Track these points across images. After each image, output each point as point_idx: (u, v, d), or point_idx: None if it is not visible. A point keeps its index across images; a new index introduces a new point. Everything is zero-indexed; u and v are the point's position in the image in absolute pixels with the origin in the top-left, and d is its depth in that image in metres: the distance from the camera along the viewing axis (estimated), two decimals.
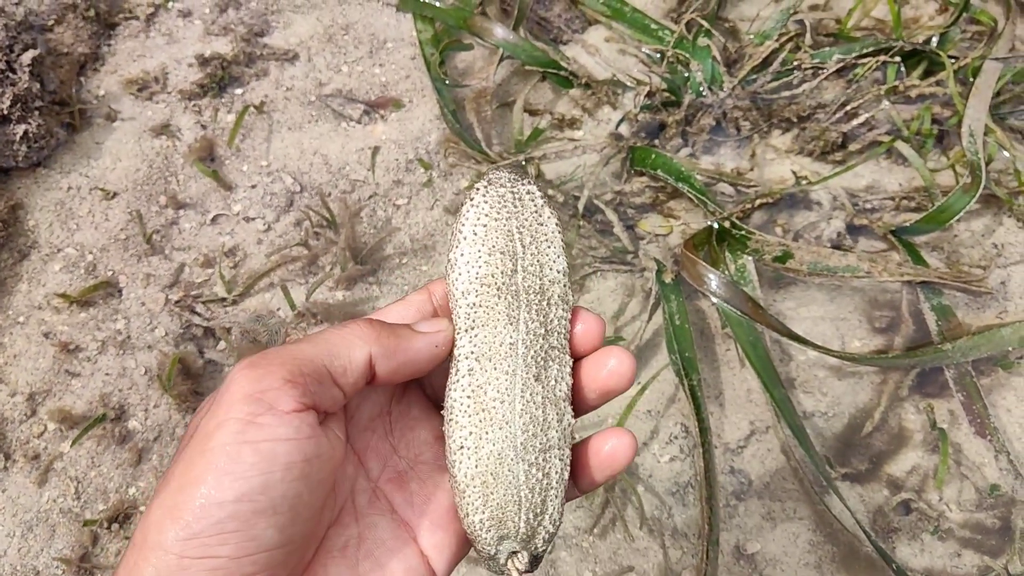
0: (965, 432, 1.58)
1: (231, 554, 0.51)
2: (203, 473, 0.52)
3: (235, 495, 0.52)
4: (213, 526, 0.51)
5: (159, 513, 0.53)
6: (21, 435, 1.57)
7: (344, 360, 0.59)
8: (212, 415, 0.54)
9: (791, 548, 1.49)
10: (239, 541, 0.52)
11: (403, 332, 0.64)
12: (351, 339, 0.60)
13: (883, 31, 2.04)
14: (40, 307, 1.69)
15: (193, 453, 0.53)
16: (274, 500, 0.53)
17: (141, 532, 0.53)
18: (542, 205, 0.71)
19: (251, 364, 0.55)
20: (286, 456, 0.53)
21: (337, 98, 1.96)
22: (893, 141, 1.84)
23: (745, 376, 1.64)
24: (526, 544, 0.67)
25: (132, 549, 0.53)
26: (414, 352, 0.64)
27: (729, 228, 1.73)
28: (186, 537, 0.51)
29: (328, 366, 0.58)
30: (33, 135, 1.77)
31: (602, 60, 2.04)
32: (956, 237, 1.78)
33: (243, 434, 0.52)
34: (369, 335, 0.61)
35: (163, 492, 0.54)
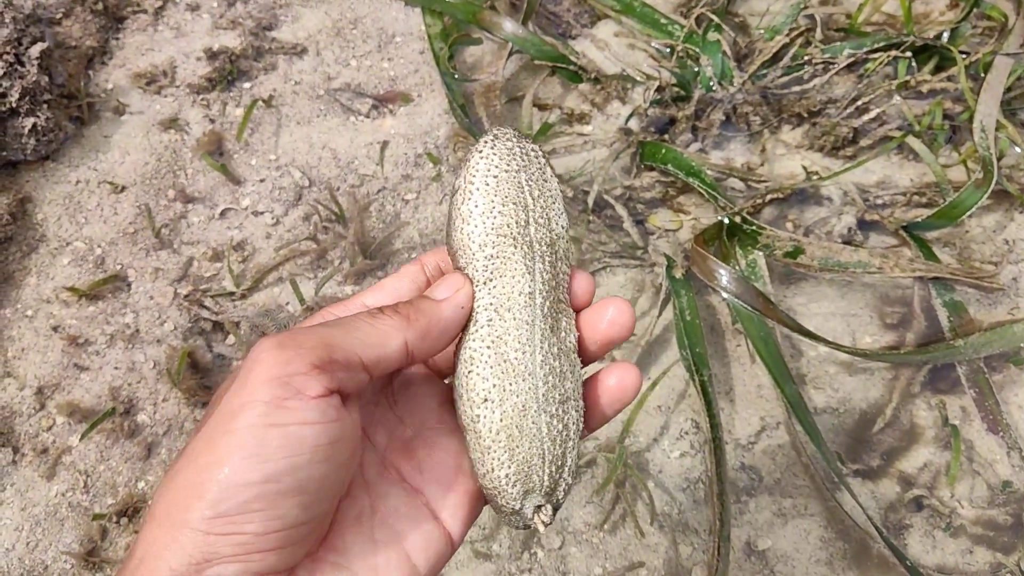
0: (977, 428, 1.57)
1: (257, 531, 0.52)
2: (228, 453, 0.52)
3: (262, 476, 0.52)
4: (239, 505, 0.51)
5: (184, 491, 0.52)
6: (30, 429, 1.57)
7: (378, 351, 0.59)
8: (236, 394, 0.54)
9: (802, 545, 1.48)
10: (265, 520, 0.52)
11: (428, 306, 0.63)
12: (386, 330, 0.60)
13: (894, 26, 2.03)
14: (49, 301, 1.68)
15: (216, 432, 0.53)
16: (300, 481, 0.53)
17: (162, 508, 0.53)
18: (545, 163, 0.71)
19: (279, 345, 0.54)
20: (313, 439, 0.53)
21: (346, 92, 1.96)
22: (904, 136, 1.83)
23: (756, 372, 1.63)
24: (549, 497, 0.67)
25: (152, 524, 0.53)
26: (445, 322, 0.64)
27: (740, 223, 1.72)
28: (213, 516, 0.51)
29: (361, 355, 0.58)
30: (42, 128, 1.77)
31: (611, 55, 2.03)
32: (968, 233, 1.77)
33: (269, 416, 0.52)
34: (402, 323, 0.61)
35: (186, 469, 0.54)
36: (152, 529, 0.53)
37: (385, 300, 0.67)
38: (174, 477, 0.54)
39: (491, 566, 1.46)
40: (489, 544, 1.48)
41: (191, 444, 0.55)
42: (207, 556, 0.51)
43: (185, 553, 0.51)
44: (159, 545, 0.52)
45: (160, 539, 0.52)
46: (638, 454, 1.56)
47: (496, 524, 1.49)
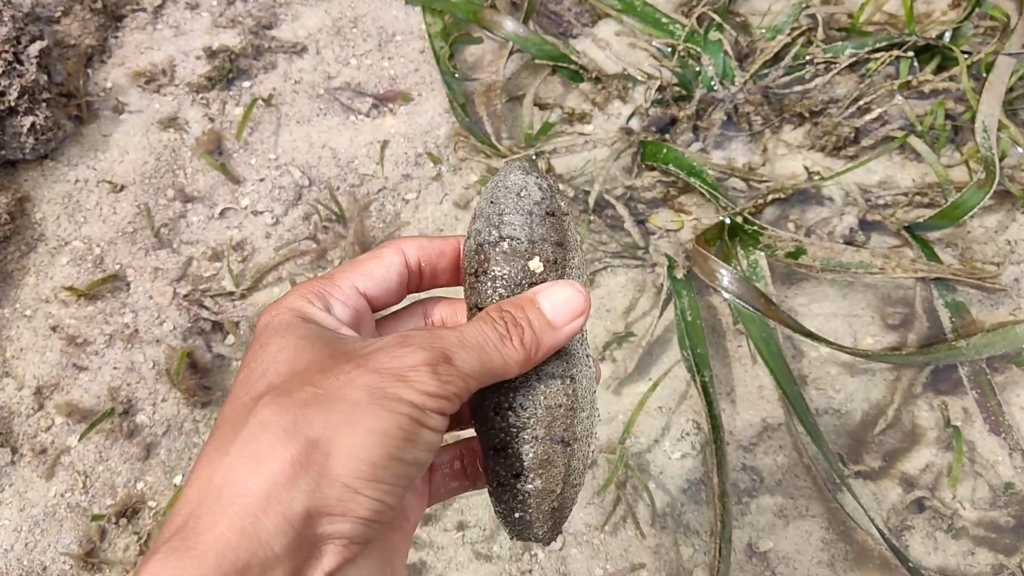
0: (979, 430, 1.57)
1: (392, 504, 0.56)
2: (394, 430, 0.56)
3: (413, 459, 0.57)
4: (393, 477, 0.56)
5: (341, 448, 0.54)
6: (28, 429, 1.56)
7: (498, 379, 0.65)
8: (390, 385, 0.57)
9: (804, 546, 1.47)
10: (399, 496, 0.57)
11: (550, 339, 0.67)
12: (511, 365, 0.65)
13: (895, 26, 2.03)
14: (47, 300, 1.68)
15: (374, 403, 0.56)
16: (420, 473, 0.59)
17: (307, 455, 0.54)
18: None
19: (435, 371, 0.59)
20: (438, 443, 0.60)
21: (346, 91, 1.95)
22: (906, 137, 1.83)
23: (757, 372, 1.63)
24: None
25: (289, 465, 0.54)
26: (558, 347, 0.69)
27: (741, 223, 1.71)
28: (370, 478, 0.54)
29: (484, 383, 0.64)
30: (40, 127, 1.76)
31: (612, 54, 2.02)
32: (970, 233, 1.76)
33: (423, 417, 0.57)
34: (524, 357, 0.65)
35: (340, 430, 0.55)
36: (280, 469, 0.53)
37: (377, 290, 0.70)
38: (311, 420, 0.55)
39: (492, 567, 1.45)
40: (489, 545, 1.47)
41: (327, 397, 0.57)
42: (346, 510, 0.54)
43: (326, 500, 0.53)
44: (295, 489, 0.53)
45: (297, 482, 0.53)
46: (639, 455, 1.55)
47: (496, 525, 1.48)
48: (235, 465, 0.54)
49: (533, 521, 0.70)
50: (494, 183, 0.72)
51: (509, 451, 0.69)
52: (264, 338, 0.64)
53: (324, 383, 0.57)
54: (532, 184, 0.71)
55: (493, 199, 0.70)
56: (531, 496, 0.69)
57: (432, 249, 0.73)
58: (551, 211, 0.71)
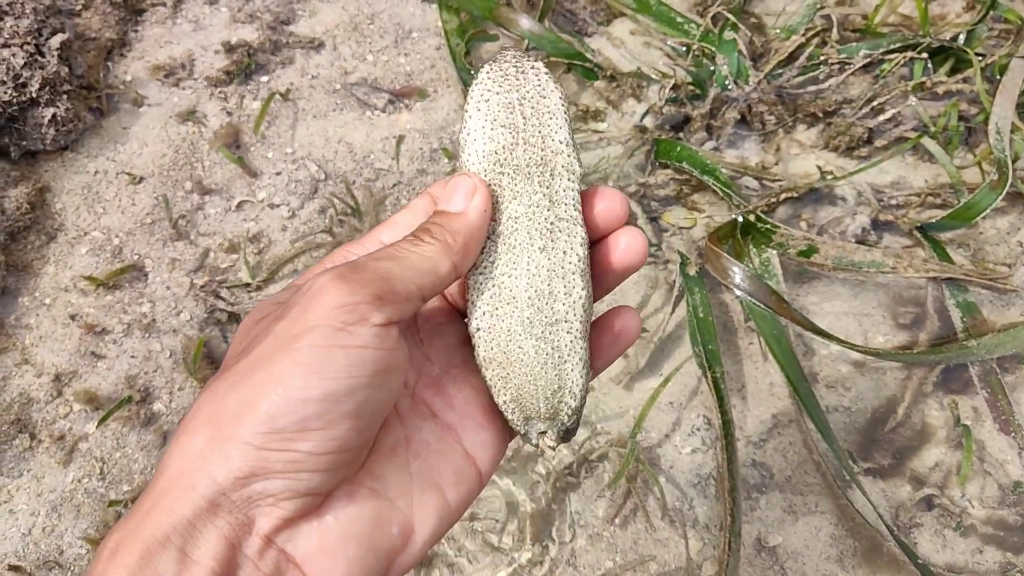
0: (989, 429, 1.58)
1: (311, 450, 0.53)
2: (290, 370, 0.52)
3: (322, 394, 0.52)
4: (297, 422, 0.52)
5: (236, 405, 0.53)
6: (47, 416, 1.58)
7: (431, 277, 0.60)
8: (297, 319, 0.54)
9: (813, 542, 1.48)
10: (320, 439, 0.53)
11: (459, 223, 0.63)
12: (433, 256, 0.61)
13: (910, 27, 2.04)
14: (67, 289, 1.70)
15: (275, 352, 0.54)
16: (358, 404, 0.54)
17: (206, 421, 0.53)
18: (546, 79, 0.70)
19: (341, 277, 0.55)
20: (373, 364, 0.54)
21: (362, 87, 1.97)
22: (919, 137, 1.84)
23: (768, 370, 1.64)
24: (551, 422, 0.67)
25: (191, 436, 0.53)
26: (478, 231, 0.64)
27: (754, 222, 1.72)
28: (268, 430, 0.52)
29: (417, 284, 0.59)
30: (61, 119, 1.78)
31: (627, 52, 2.04)
32: (982, 234, 1.77)
33: (335, 338, 0.53)
34: (444, 247, 0.61)
35: (239, 385, 0.54)
36: (191, 441, 0.53)
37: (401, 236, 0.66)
38: (220, 392, 0.54)
39: (503, 558, 1.47)
40: (500, 536, 1.49)
41: (240, 365, 0.55)
42: (255, 470, 0.52)
43: (232, 465, 0.52)
44: (202, 459, 0.52)
45: (203, 451, 0.52)
46: (650, 449, 1.57)
47: (507, 516, 1.50)
48: (170, 447, 0.55)
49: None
50: None
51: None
52: None
53: (250, 348, 0.57)
54: None
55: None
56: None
57: None
58: None
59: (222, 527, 0.52)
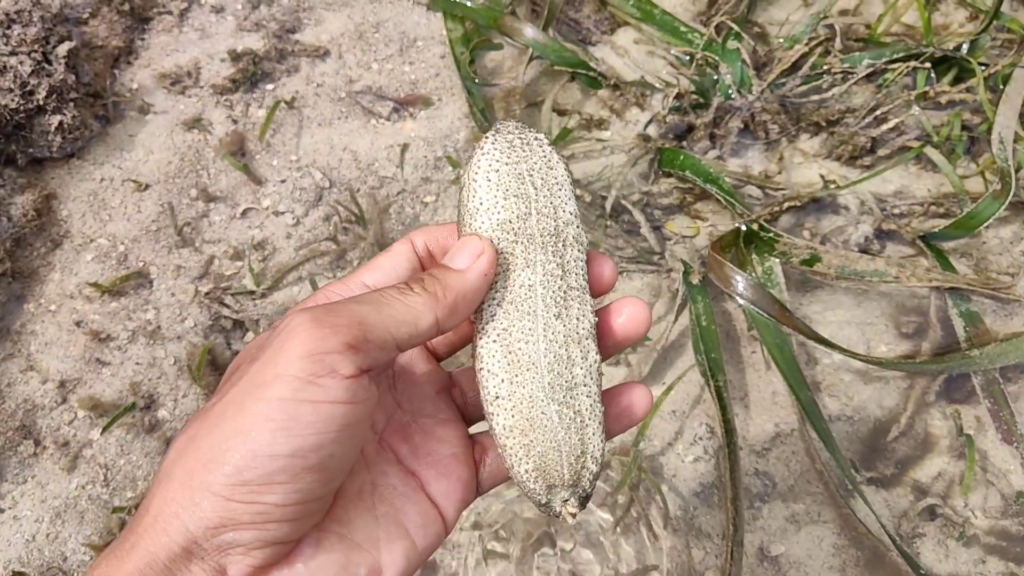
0: (991, 439, 1.58)
1: (277, 502, 0.53)
2: (258, 423, 0.53)
3: (289, 450, 0.53)
4: (264, 476, 0.53)
5: (208, 454, 0.53)
6: (51, 422, 1.59)
7: (410, 329, 0.60)
8: (268, 364, 0.54)
9: (815, 551, 1.48)
10: (286, 492, 0.53)
11: (455, 280, 0.63)
12: (417, 308, 0.60)
13: (913, 37, 2.04)
14: (72, 296, 1.71)
15: (246, 400, 0.54)
16: (323, 458, 0.54)
17: (183, 468, 0.54)
18: (550, 151, 0.71)
19: (315, 321, 0.55)
20: (342, 419, 0.55)
21: (367, 95, 1.98)
22: (922, 147, 1.84)
23: (771, 378, 1.64)
24: (574, 488, 0.68)
25: (168, 482, 0.54)
26: (473, 293, 0.64)
27: (757, 230, 1.73)
28: (236, 483, 0.52)
29: (394, 334, 0.58)
30: (68, 126, 1.80)
31: (631, 61, 2.04)
32: (985, 244, 1.77)
33: (302, 392, 0.53)
34: (431, 300, 0.61)
35: (211, 432, 0.54)
36: (169, 487, 0.54)
37: (384, 280, 0.67)
38: (196, 438, 0.55)
39: (505, 567, 1.47)
40: (503, 545, 1.49)
41: (215, 407, 0.56)
42: (224, 521, 0.53)
43: (203, 515, 0.53)
44: (176, 504, 0.53)
45: (177, 498, 0.53)
46: (652, 458, 1.57)
47: (510, 524, 1.50)
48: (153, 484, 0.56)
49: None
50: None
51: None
52: None
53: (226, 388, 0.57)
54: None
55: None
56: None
57: (440, 231, 0.72)
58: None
59: (196, 572, 0.54)
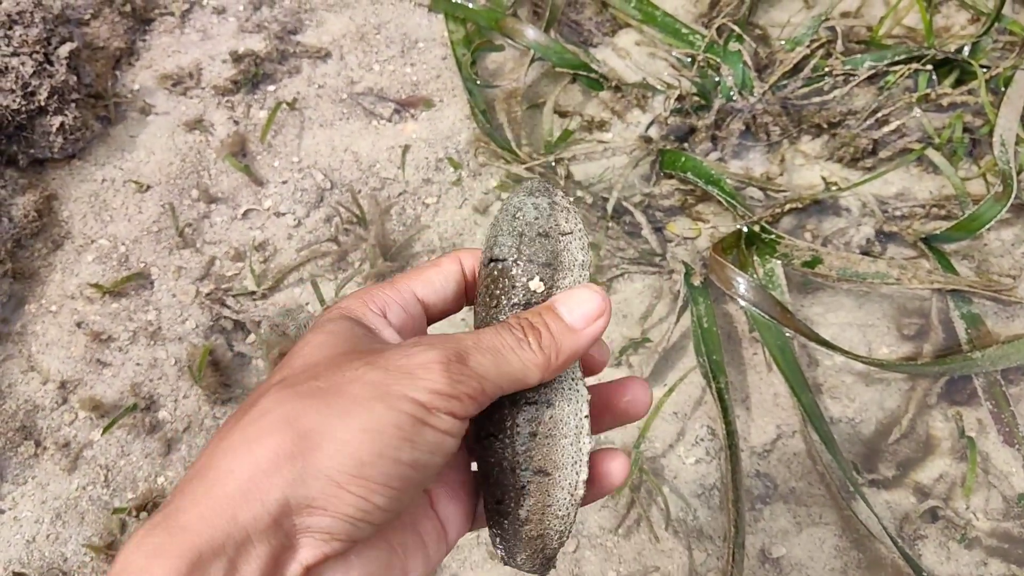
0: (993, 441, 1.57)
1: (382, 505, 0.55)
2: (388, 428, 0.55)
3: (411, 460, 0.56)
4: (383, 476, 0.55)
5: (324, 434, 0.54)
6: (52, 423, 1.59)
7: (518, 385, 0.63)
8: (395, 381, 0.56)
9: (817, 553, 1.48)
10: (392, 498, 0.55)
11: (570, 343, 0.65)
12: (529, 367, 0.63)
13: (915, 39, 2.04)
14: (73, 297, 1.71)
15: (371, 401, 0.56)
16: (428, 477, 0.58)
17: (288, 435, 0.54)
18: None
19: (446, 365, 0.57)
20: (449, 448, 0.58)
21: (368, 96, 1.98)
22: (924, 149, 1.84)
23: (772, 380, 1.64)
24: None
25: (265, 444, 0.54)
26: (578, 357, 0.67)
27: (758, 232, 1.73)
28: (356, 475, 0.54)
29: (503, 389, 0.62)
30: (69, 127, 1.80)
31: (632, 63, 2.04)
32: (986, 246, 1.77)
33: (428, 417, 0.56)
34: (544, 362, 0.64)
35: (332, 423, 0.55)
36: (262, 448, 0.54)
37: (434, 296, 0.71)
38: (302, 408, 0.56)
39: (506, 569, 1.47)
40: None
41: (324, 390, 0.57)
42: (327, 505, 0.53)
43: (308, 493, 0.53)
44: (278, 475, 0.53)
45: (279, 468, 0.53)
46: (654, 459, 1.57)
47: None
48: (227, 449, 0.55)
49: (516, 551, 0.70)
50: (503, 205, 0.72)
51: (490, 479, 0.69)
52: (306, 334, 0.65)
53: (330, 377, 0.58)
54: (529, 205, 0.70)
55: (495, 221, 0.71)
56: (510, 524, 0.69)
57: None
58: (544, 232, 0.70)
59: (275, 546, 0.53)
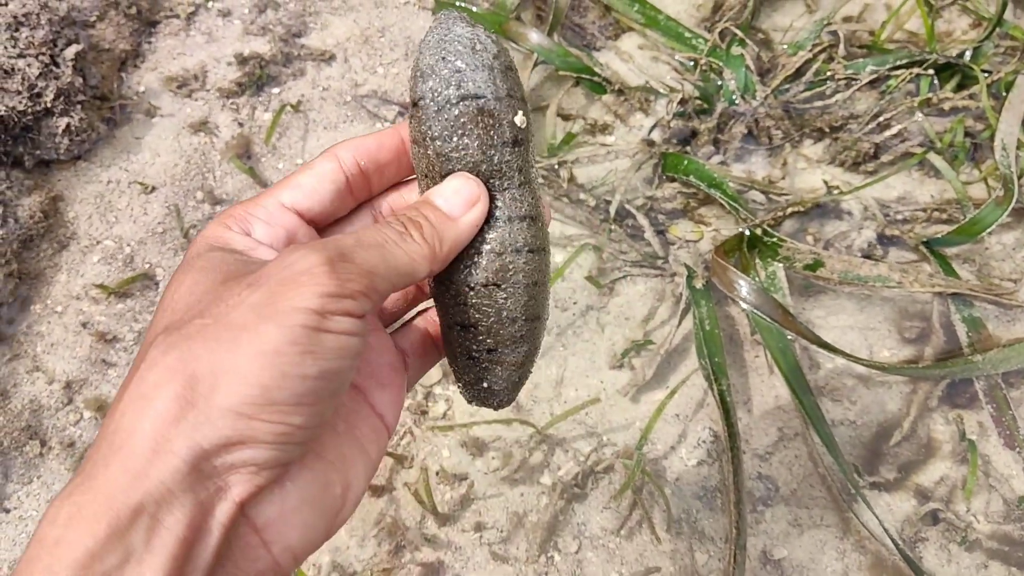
0: (994, 444, 1.58)
1: (301, 424, 0.54)
2: (284, 346, 0.53)
3: (317, 372, 0.54)
4: (293, 396, 0.53)
5: (217, 371, 0.52)
6: (57, 423, 1.60)
7: (408, 279, 0.62)
8: (281, 297, 0.54)
9: (818, 555, 1.49)
10: (310, 414, 0.54)
11: (451, 232, 0.65)
12: (417, 259, 0.62)
13: (916, 44, 2.05)
14: (78, 297, 1.71)
15: (261, 323, 0.54)
16: (343, 383, 0.57)
17: (180, 383, 0.53)
18: None
19: (330, 265, 0.55)
20: (355, 349, 0.57)
21: (372, 99, 1.99)
22: (926, 153, 1.85)
23: (774, 383, 1.64)
24: None
25: (160, 396, 0.52)
26: (462, 245, 0.67)
27: (760, 235, 1.73)
28: (263, 402, 0.52)
29: (394, 283, 0.60)
30: (75, 129, 1.80)
31: (635, 67, 2.05)
32: (987, 250, 1.78)
33: (323, 323, 0.54)
34: (430, 253, 0.63)
35: (221, 354, 0.53)
36: (159, 402, 0.52)
37: (304, 200, 0.68)
38: (189, 352, 0.54)
39: (508, 568, 1.47)
40: (506, 547, 1.49)
41: (208, 327, 0.55)
42: (243, 438, 0.52)
43: (220, 433, 0.52)
44: (183, 422, 0.52)
45: (181, 415, 0.52)
46: (656, 461, 1.57)
47: (513, 527, 1.50)
48: (126, 408, 0.53)
49: (500, 391, 0.73)
50: (439, 36, 0.66)
51: (481, 327, 0.69)
52: (174, 276, 0.63)
53: (214, 311, 0.56)
54: (484, 37, 0.66)
55: (444, 56, 0.65)
56: (502, 368, 0.71)
57: (369, 144, 0.70)
58: (509, 66, 0.67)
59: (199, 492, 0.52)
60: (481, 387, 0.73)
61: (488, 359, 0.71)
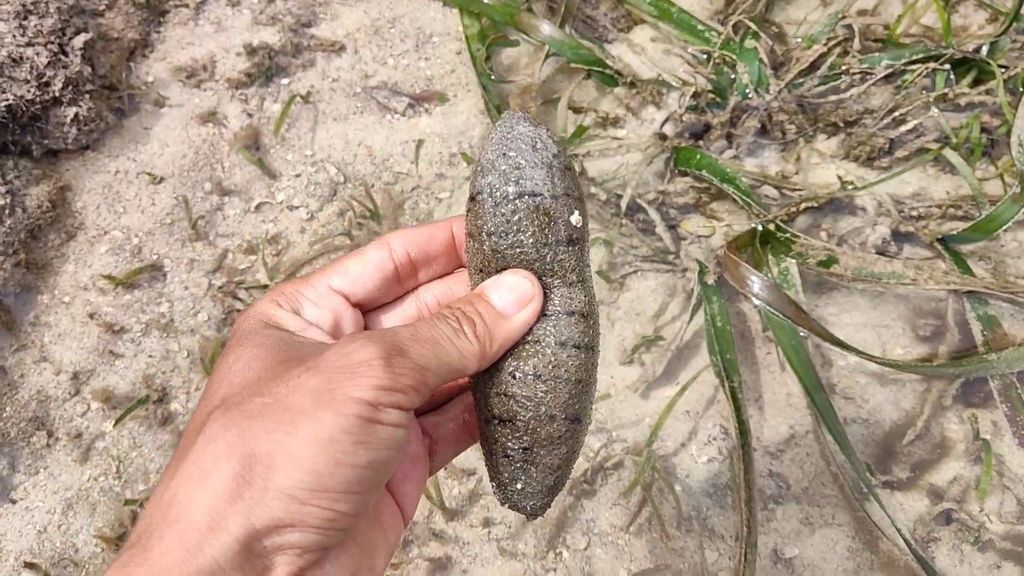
0: (1008, 443, 1.56)
1: (347, 511, 0.55)
2: (338, 435, 0.55)
3: (367, 462, 0.56)
4: (343, 484, 0.55)
5: (273, 453, 0.54)
6: (64, 414, 1.59)
7: (455, 375, 0.64)
8: (337, 385, 0.56)
9: (829, 554, 1.47)
10: (356, 502, 0.56)
11: (503, 332, 0.66)
12: (467, 356, 0.64)
13: (932, 38, 2.03)
14: (86, 288, 1.71)
15: (317, 411, 0.55)
16: (387, 473, 0.59)
17: (236, 461, 0.54)
18: None
19: (386, 360, 0.58)
20: (402, 440, 0.59)
21: (382, 90, 1.97)
22: (941, 149, 1.82)
23: (785, 380, 1.63)
24: None
25: (216, 471, 0.54)
26: (511, 343, 0.68)
27: (773, 231, 1.72)
28: (315, 488, 0.54)
29: (443, 379, 0.63)
30: (83, 118, 1.79)
31: (647, 60, 2.03)
32: (1003, 247, 1.76)
33: (375, 415, 0.56)
34: (480, 351, 0.65)
35: (278, 438, 0.55)
36: (215, 478, 0.54)
37: (351, 288, 0.70)
38: (246, 430, 0.55)
39: (517, 565, 1.46)
40: (515, 542, 1.48)
41: (265, 407, 0.56)
42: (293, 521, 0.54)
43: (272, 515, 0.53)
44: (238, 500, 0.53)
45: (236, 494, 0.53)
46: (666, 458, 1.56)
47: (521, 523, 1.49)
48: (183, 481, 0.54)
49: (534, 493, 0.71)
50: (502, 134, 0.67)
51: (519, 423, 0.68)
52: (228, 348, 0.65)
53: (273, 391, 0.57)
54: (545, 136, 0.67)
55: (505, 152, 0.67)
56: (537, 471, 0.70)
57: (420, 235, 0.72)
58: (568, 166, 0.68)
59: (247, 572, 0.53)
60: (515, 488, 0.71)
61: (524, 458, 0.69)
